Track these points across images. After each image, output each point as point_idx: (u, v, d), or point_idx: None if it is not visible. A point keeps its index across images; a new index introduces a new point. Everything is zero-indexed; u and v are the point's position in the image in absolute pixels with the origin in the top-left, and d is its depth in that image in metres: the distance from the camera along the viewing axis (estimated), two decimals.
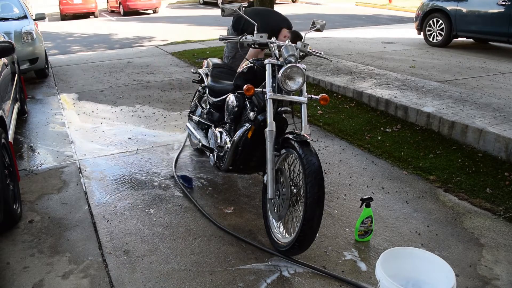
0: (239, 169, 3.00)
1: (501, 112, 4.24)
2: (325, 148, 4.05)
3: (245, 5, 8.89)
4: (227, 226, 2.82)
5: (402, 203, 3.08)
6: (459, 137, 3.99)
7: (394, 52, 7.84)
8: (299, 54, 2.61)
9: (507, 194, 3.14)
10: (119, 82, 6.66)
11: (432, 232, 2.74)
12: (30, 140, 4.39)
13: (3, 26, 6.46)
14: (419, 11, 8.74)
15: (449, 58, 7.16)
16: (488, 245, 2.61)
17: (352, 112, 4.93)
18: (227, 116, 3.05)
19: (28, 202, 3.16)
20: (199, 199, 3.16)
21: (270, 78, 2.53)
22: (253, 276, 2.35)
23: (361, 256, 2.51)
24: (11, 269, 2.43)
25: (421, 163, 3.67)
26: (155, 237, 2.71)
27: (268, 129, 2.45)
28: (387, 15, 15.78)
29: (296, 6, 20.63)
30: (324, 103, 2.59)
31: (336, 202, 3.11)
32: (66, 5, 18.96)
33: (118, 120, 4.90)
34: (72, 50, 10.52)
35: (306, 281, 2.30)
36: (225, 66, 3.61)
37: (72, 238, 2.72)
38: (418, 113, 4.42)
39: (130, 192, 3.29)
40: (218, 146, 3.10)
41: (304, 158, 2.24)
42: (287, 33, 3.76)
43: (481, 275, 2.35)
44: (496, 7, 7.23)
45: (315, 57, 6.80)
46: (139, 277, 2.35)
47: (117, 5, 20.40)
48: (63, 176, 3.58)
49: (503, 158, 3.63)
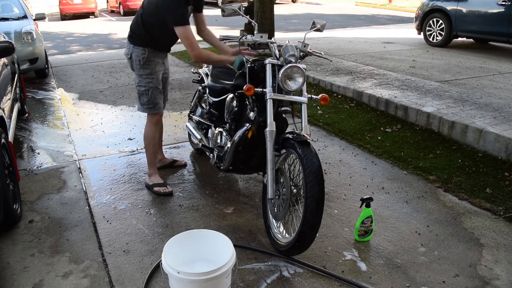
0: (239, 169, 3.00)
1: (501, 112, 4.24)
2: (325, 148, 4.05)
3: (245, 5, 8.90)
4: (227, 226, 2.82)
5: (402, 203, 3.08)
6: (459, 137, 3.99)
7: (394, 52, 7.84)
8: (299, 54, 2.61)
9: (507, 194, 3.14)
10: (119, 82, 6.66)
11: (432, 232, 2.74)
12: (30, 140, 4.39)
13: (3, 26, 6.46)
14: (419, 11, 8.75)
15: (449, 58, 7.16)
16: (488, 245, 2.61)
17: (352, 112, 4.93)
18: (227, 116, 3.05)
19: (28, 202, 3.16)
20: (199, 199, 3.16)
21: (270, 78, 2.53)
22: (253, 276, 2.35)
23: (361, 256, 2.51)
24: (11, 269, 2.43)
25: (421, 163, 3.67)
26: (155, 237, 2.71)
27: (268, 129, 2.45)
28: (387, 15, 15.78)
29: (296, 6, 20.62)
30: (324, 103, 2.59)
31: (336, 202, 3.11)
32: (66, 5, 18.96)
33: (118, 120, 4.90)
34: (72, 50, 10.52)
35: (306, 281, 2.30)
36: (225, 66, 3.61)
37: (72, 238, 2.72)
38: (418, 113, 4.42)
39: (130, 192, 3.29)
40: (218, 146, 3.10)
41: (304, 158, 2.24)
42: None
43: (481, 275, 2.35)
44: (496, 7, 7.24)
45: (315, 57, 6.77)
46: (139, 277, 2.35)
47: (117, 5, 20.41)
48: (63, 176, 3.58)
49: (503, 158, 3.63)
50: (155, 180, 3.29)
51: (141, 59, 3.06)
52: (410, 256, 2.51)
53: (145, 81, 3.10)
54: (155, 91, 3.13)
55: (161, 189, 3.22)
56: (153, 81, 3.11)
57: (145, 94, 3.12)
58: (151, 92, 3.12)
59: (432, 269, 2.40)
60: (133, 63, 3.12)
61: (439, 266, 2.42)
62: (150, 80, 3.10)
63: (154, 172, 3.34)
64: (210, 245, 2.25)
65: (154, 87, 3.12)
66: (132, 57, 3.09)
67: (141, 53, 3.04)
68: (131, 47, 3.09)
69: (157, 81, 3.14)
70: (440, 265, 2.43)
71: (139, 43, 3.05)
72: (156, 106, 3.17)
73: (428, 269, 2.40)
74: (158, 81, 3.16)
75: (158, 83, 3.16)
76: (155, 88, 3.13)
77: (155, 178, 3.31)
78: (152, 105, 3.16)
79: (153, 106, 3.16)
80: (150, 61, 3.07)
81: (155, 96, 3.15)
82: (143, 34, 3.03)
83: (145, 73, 3.09)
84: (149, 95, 3.12)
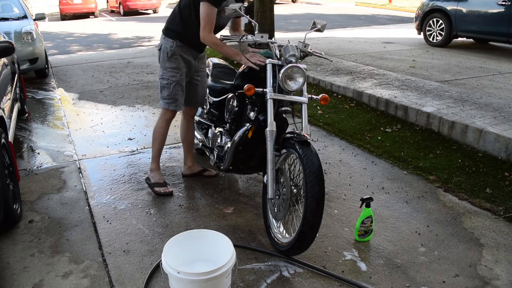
0: (239, 169, 3.00)
1: (501, 112, 4.24)
2: (325, 148, 4.05)
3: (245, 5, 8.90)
4: (227, 226, 2.82)
5: (402, 203, 3.09)
6: (459, 137, 3.99)
7: (394, 52, 7.84)
8: (299, 54, 2.61)
9: (507, 194, 3.14)
10: (119, 82, 6.66)
11: (432, 232, 2.74)
12: (30, 140, 4.39)
13: (3, 26, 6.46)
14: (419, 11, 8.75)
15: (449, 58, 7.17)
16: (488, 245, 2.61)
17: (352, 112, 4.93)
18: (227, 116, 3.05)
19: (28, 202, 3.16)
20: (199, 199, 3.16)
21: (271, 78, 2.54)
22: (253, 276, 2.35)
23: (361, 256, 2.51)
24: (11, 269, 2.43)
25: (421, 163, 3.67)
26: (155, 237, 2.71)
27: (268, 129, 2.45)
28: (387, 15, 15.78)
29: (296, 6, 20.63)
30: (324, 103, 2.59)
31: (336, 202, 3.11)
32: (66, 5, 18.97)
33: (118, 120, 4.90)
34: (72, 50, 10.52)
35: (306, 281, 2.30)
36: (225, 66, 3.61)
37: (72, 238, 2.72)
38: (418, 113, 4.42)
39: (130, 192, 3.29)
40: (218, 146, 3.10)
41: (304, 158, 2.24)
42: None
43: (481, 275, 2.35)
44: (496, 7, 7.24)
45: (315, 57, 6.79)
46: (139, 277, 2.35)
47: (117, 5, 20.41)
48: (63, 176, 3.58)
49: (503, 158, 3.63)
50: (156, 178, 3.27)
51: (168, 52, 3.02)
52: (410, 256, 2.51)
53: (168, 74, 3.04)
54: (177, 86, 3.06)
55: (161, 189, 3.21)
56: (176, 75, 3.04)
57: (167, 88, 3.06)
58: (173, 86, 3.04)
59: (432, 269, 2.40)
60: (161, 55, 3.08)
61: (439, 266, 2.42)
62: (174, 74, 3.04)
63: (156, 168, 3.30)
64: (210, 245, 2.25)
65: (177, 82, 3.05)
66: (161, 49, 3.07)
67: (169, 45, 3.02)
68: (162, 38, 3.07)
69: (181, 77, 3.07)
70: (440, 265, 2.43)
71: (169, 35, 3.03)
72: (175, 102, 3.10)
73: (428, 269, 2.40)
74: (182, 78, 3.08)
75: (181, 79, 3.08)
76: (178, 83, 3.06)
77: (156, 175, 3.28)
78: (172, 100, 3.09)
79: (173, 102, 3.09)
80: (177, 55, 3.02)
81: (177, 92, 3.07)
82: (175, 26, 3.02)
83: (170, 66, 3.03)
84: (171, 89, 3.05)
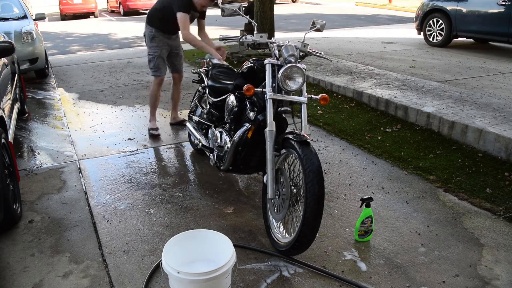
0: (239, 169, 3.00)
1: (501, 112, 4.24)
2: (325, 148, 4.05)
3: (245, 5, 8.90)
4: (227, 226, 2.82)
5: (402, 203, 3.08)
6: (459, 137, 3.99)
7: (394, 52, 7.84)
8: (299, 54, 2.61)
9: (507, 194, 3.14)
10: (119, 82, 6.66)
11: (432, 232, 2.74)
12: (30, 140, 4.39)
13: (3, 26, 6.45)
14: (419, 11, 8.75)
15: (449, 58, 7.16)
16: (488, 245, 2.61)
17: (352, 112, 4.93)
18: (227, 116, 3.05)
19: (28, 202, 3.16)
20: (199, 199, 3.16)
21: (270, 78, 2.53)
22: (253, 276, 2.35)
23: (361, 256, 2.51)
24: (11, 269, 2.43)
25: (421, 163, 3.67)
26: (155, 237, 2.71)
27: (268, 129, 2.45)
28: (387, 15, 15.78)
29: (296, 6, 20.63)
30: (324, 103, 2.59)
31: (336, 202, 3.11)
32: (66, 5, 18.96)
33: (118, 120, 4.90)
34: (72, 50, 10.51)
35: (306, 281, 2.30)
36: (225, 66, 3.61)
37: (72, 238, 2.72)
38: (418, 113, 4.42)
39: (130, 192, 3.29)
40: (218, 146, 3.10)
41: (304, 158, 2.24)
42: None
43: (481, 275, 2.35)
44: (496, 7, 7.24)
45: (315, 57, 6.80)
46: (139, 277, 2.35)
47: (117, 5, 20.40)
48: (63, 176, 3.58)
49: (503, 158, 3.63)
50: (151, 125, 4.46)
51: (150, 36, 4.16)
52: (410, 256, 2.51)
53: (152, 51, 4.19)
54: (159, 59, 4.20)
55: (154, 132, 4.39)
56: (157, 51, 4.17)
57: (152, 61, 4.21)
58: (156, 59, 4.19)
59: (432, 269, 2.40)
60: (146, 39, 4.23)
61: (439, 266, 2.42)
62: (156, 51, 4.17)
63: (152, 119, 4.48)
64: (210, 245, 2.25)
65: (158, 55, 4.19)
66: (146, 35, 4.21)
67: (149, 31, 4.16)
68: (145, 26, 4.20)
69: (161, 52, 4.18)
70: (440, 265, 2.43)
71: (150, 24, 4.15)
72: (158, 70, 4.24)
73: (428, 269, 2.40)
74: (162, 53, 4.19)
75: (162, 53, 4.20)
76: (159, 56, 4.19)
77: (152, 123, 4.48)
78: (156, 69, 4.23)
79: (157, 70, 4.23)
80: (156, 38, 4.14)
81: (159, 63, 4.21)
82: (154, 20, 4.11)
83: (152, 45, 4.17)
84: (155, 61, 4.19)
